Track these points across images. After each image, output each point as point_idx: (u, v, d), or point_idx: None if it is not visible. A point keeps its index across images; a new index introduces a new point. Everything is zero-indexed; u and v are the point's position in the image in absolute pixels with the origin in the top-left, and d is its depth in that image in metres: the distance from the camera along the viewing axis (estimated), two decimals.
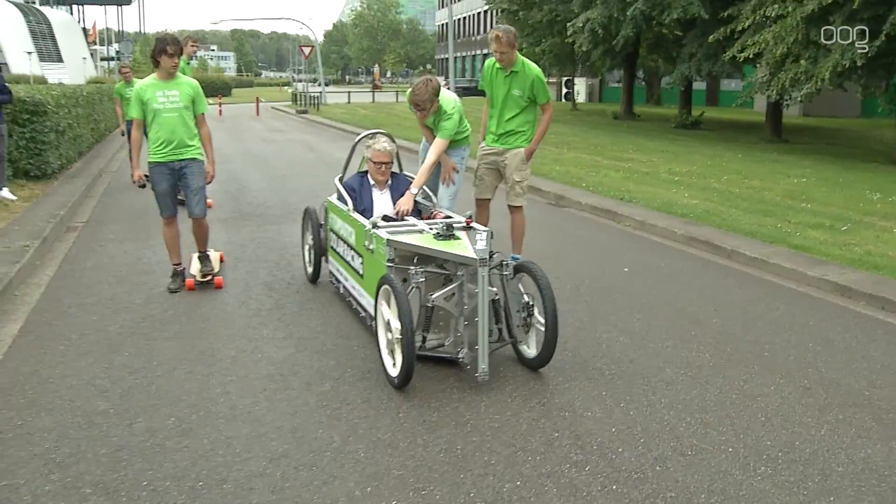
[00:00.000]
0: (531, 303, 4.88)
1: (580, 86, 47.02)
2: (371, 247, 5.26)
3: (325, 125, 29.12)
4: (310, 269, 6.95)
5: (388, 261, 4.93)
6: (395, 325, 4.52)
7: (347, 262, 6.00)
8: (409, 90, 6.45)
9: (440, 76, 56.17)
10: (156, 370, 4.93)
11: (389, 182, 6.23)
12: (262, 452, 3.87)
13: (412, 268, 4.81)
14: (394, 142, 6.24)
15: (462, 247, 4.74)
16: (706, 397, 4.60)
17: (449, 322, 4.94)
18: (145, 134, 6.59)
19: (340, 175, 6.64)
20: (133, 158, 6.85)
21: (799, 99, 17.91)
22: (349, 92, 53.51)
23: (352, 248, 5.81)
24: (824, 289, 7.11)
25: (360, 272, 5.62)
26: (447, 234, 4.93)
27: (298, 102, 42.21)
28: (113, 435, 4.05)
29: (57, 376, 4.83)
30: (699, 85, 39.79)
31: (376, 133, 6.39)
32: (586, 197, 11.50)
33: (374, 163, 6.09)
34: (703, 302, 6.55)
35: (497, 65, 6.80)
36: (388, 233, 5.07)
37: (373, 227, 5.21)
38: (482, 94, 7.33)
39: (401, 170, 6.66)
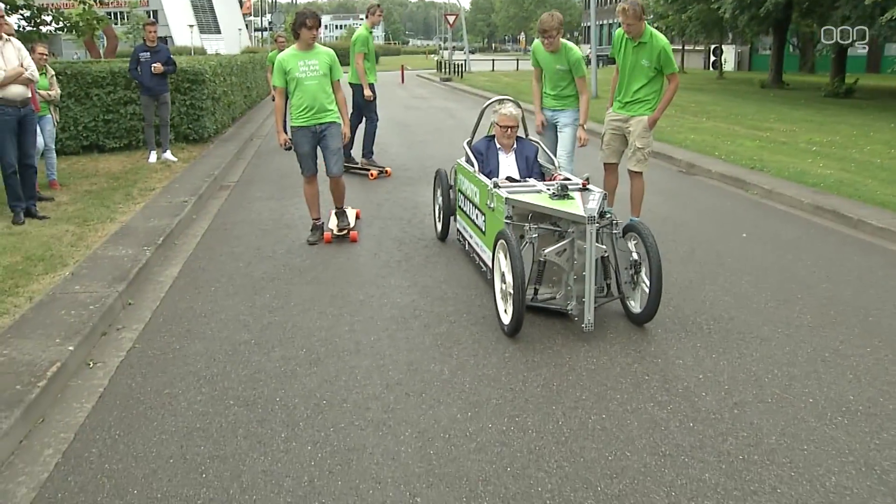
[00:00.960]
0: (639, 261, 5.11)
1: (728, 53, 45.67)
2: (492, 205, 5.56)
3: (468, 92, 29.58)
4: (439, 227, 7.39)
5: (506, 218, 5.22)
6: (509, 277, 4.86)
7: (472, 220, 6.32)
8: (537, 21, 7.25)
9: (585, 44, 55.54)
10: (293, 310, 5.52)
11: (515, 146, 6.48)
12: (379, 380, 4.38)
13: (527, 224, 5.11)
14: (520, 107, 6.53)
15: (574, 205, 4.98)
16: (798, 353, 4.81)
17: (561, 276, 5.21)
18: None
19: (469, 139, 6.96)
20: (278, 124, 7.39)
21: None
22: (493, 60, 53.76)
23: (476, 207, 6.14)
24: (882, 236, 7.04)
25: (483, 229, 5.95)
26: (562, 194, 5.15)
27: (443, 70, 42.85)
28: (253, 360, 4.66)
29: (208, 311, 5.50)
30: (860, 51, 38.05)
31: (504, 99, 6.71)
32: (717, 165, 11.51)
33: (501, 126, 6.38)
34: (817, 269, 6.64)
35: (626, 35, 7.04)
36: (508, 192, 5.33)
37: (494, 187, 5.50)
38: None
39: (526, 135, 6.90)
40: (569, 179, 5.94)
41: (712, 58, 43.63)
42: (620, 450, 3.66)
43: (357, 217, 8.08)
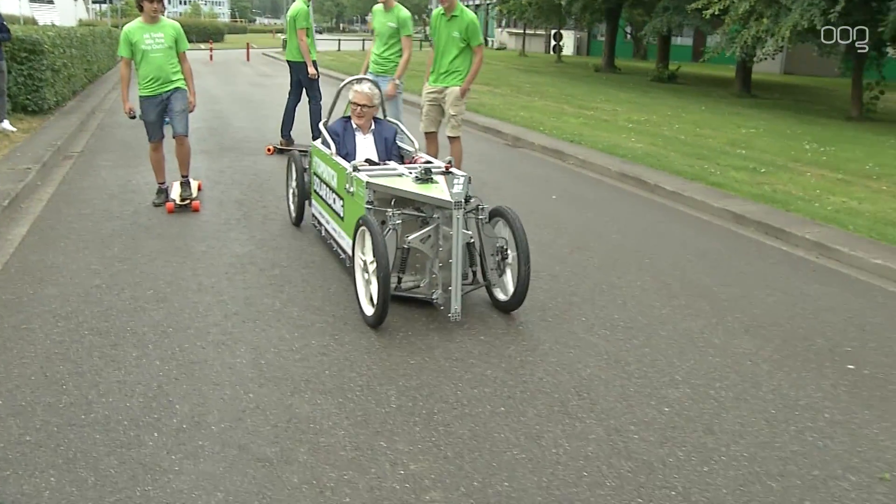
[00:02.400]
0: (505, 247, 5.04)
1: (568, 39, 47.66)
2: (351, 189, 5.33)
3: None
4: (293, 212, 7.13)
5: (367, 203, 5.02)
6: (372, 266, 4.68)
7: (329, 205, 6.07)
8: None
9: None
10: (140, 259, 6.04)
11: (373, 127, 6.33)
12: (219, 312, 5.02)
13: (389, 210, 4.92)
14: (378, 88, 6.48)
15: (439, 190, 4.84)
16: (580, 286, 5.77)
17: (424, 264, 5.10)
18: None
19: (325, 119, 6.73)
20: (123, 92, 7.65)
21: (762, 56, 18.80)
22: (339, 40, 54.00)
23: (333, 191, 5.88)
24: (723, 217, 8.23)
25: (341, 214, 5.70)
26: (425, 177, 5.00)
27: None
28: (105, 300, 5.19)
29: (59, 263, 5.95)
30: (686, 40, 40.61)
31: (361, 78, 6.59)
32: (541, 139, 12.56)
33: (354, 104, 6.24)
34: (611, 223, 7.67)
35: (441, 11, 7.92)
36: (369, 176, 5.16)
37: (353, 171, 5.30)
38: None
39: (384, 115, 6.95)
40: (430, 162, 5.87)
41: (552, 42, 45.42)
42: (421, 356, 4.46)
43: (199, 188, 8.40)
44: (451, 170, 5.35)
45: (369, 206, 5.05)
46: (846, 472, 3.49)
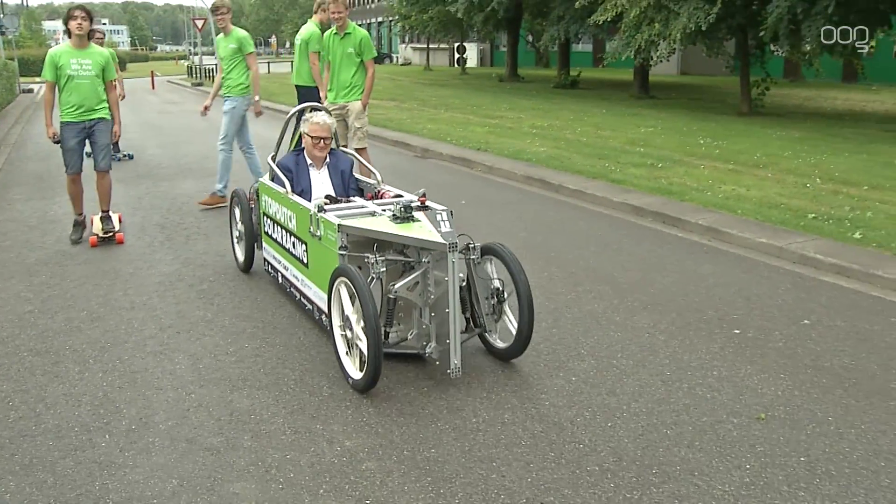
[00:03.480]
0: (501, 288, 4.54)
1: (471, 51, 48.54)
2: (318, 233, 4.74)
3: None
4: (241, 258, 6.46)
5: (341, 248, 4.47)
6: (358, 324, 4.15)
7: (287, 250, 5.47)
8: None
9: None
10: (69, 285, 6.24)
11: (328, 160, 5.78)
12: (154, 325, 5.29)
13: (370, 256, 4.39)
14: (331, 115, 6.04)
15: (426, 230, 4.29)
16: None
17: (411, 313, 4.57)
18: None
19: (273, 154, 6.13)
20: (47, 116, 7.46)
21: (656, 59, 19.66)
22: None
23: (292, 235, 5.30)
24: (623, 210, 8.79)
25: (304, 261, 5.11)
26: (405, 215, 4.44)
27: (194, 75, 42.59)
28: (39, 323, 5.40)
29: None
30: (586, 46, 41.77)
31: (314, 106, 6.08)
32: (449, 149, 13.03)
33: (312, 138, 5.63)
34: (518, 222, 8.15)
35: (334, 31, 8.41)
36: (338, 217, 4.59)
37: (319, 211, 4.73)
38: (381, 62, 8.78)
39: (338, 146, 6.23)
40: (401, 196, 5.36)
41: (456, 55, 46.20)
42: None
43: (119, 221, 8.24)
44: (426, 203, 4.80)
45: (343, 253, 4.46)
46: (730, 416, 3.99)
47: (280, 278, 5.79)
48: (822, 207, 8.52)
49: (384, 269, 4.38)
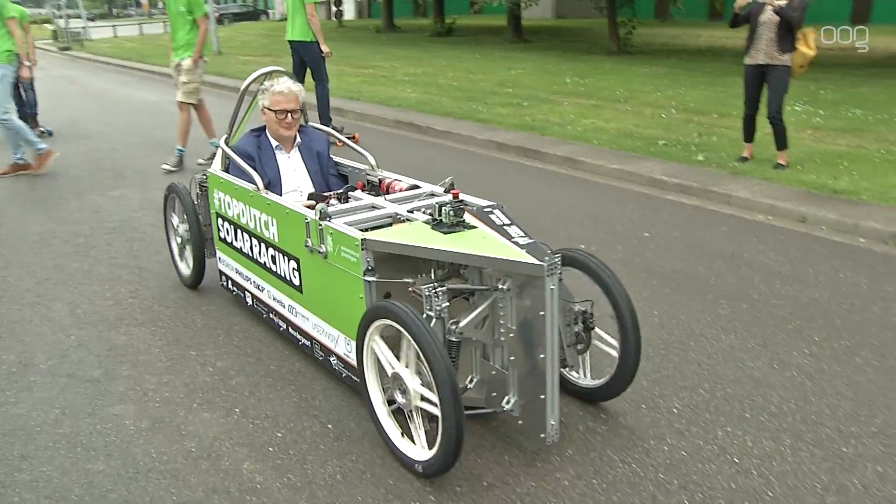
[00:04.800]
0: (588, 311, 3.36)
1: (349, 4, 48.14)
2: (323, 248, 3.43)
3: (90, 60, 28.98)
4: (185, 271, 5.13)
5: (367, 272, 3.20)
6: (417, 385, 2.97)
7: (262, 266, 4.13)
8: None
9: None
10: None
11: (298, 140, 4.43)
12: (30, 280, 5.41)
13: (417, 282, 3.23)
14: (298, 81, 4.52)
15: (500, 245, 3.03)
16: None
17: (474, 356, 3.31)
18: None
19: (226, 135, 4.78)
20: None
21: (526, 3, 20.11)
22: (115, 26, 52.01)
23: (270, 246, 3.97)
24: (488, 147, 9.18)
25: (295, 282, 3.79)
26: (454, 220, 3.20)
27: (60, 39, 40.98)
28: None
29: None
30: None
31: (274, 71, 4.65)
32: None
33: (276, 112, 4.23)
34: (383, 162, 8.36)
35: None
36: (351, 225, 3.35)
37: (322, 218, 3.40)
38: (256, 18, 8.77)
39: (306, 121, 4.79)
40: (417, 186, 4.13)
41: (333, 8, 45.74)
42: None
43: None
44: (460, 196, 3.59)
45: (371, 279, 3.21)
46: None
47: (250, 300, 4.41)
48: (672, 135, 9.10)
49: (446, 303, 3.01)
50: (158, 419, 3.53)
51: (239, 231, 4.32)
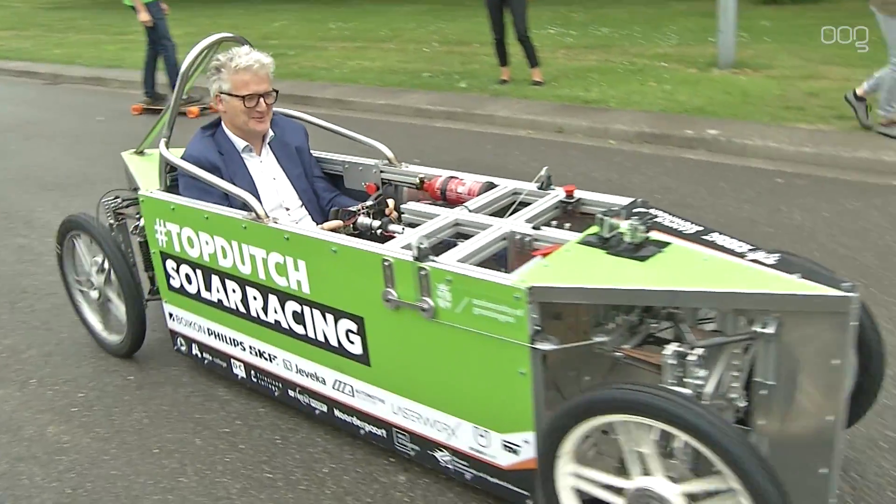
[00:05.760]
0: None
1: None
2: (429, 304, 2.27)
3: None
4: (112, 337, 3.65)
5: (536, 335, 2.11)
6: (677, 491, 1.96)
7: (273, 326, 2.87)
8: None
9: None
10: None
11: (271, 134, 3.20)
12: None
13: (678, 348, 2.00)
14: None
15: (759, 274, 2.02)
16: None
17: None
18: None
19: (166, 138, 3.17)
20: None
21: None
22: None
23: (292, 298, 2.73)
24: None
25: (355, 351, 2.61)
26: (639, 238, 2.17)
27: None
28: None
29: None
30: None
31: (221, 39, 3.24)
32: (81, 71, 12.54)
33: (245, 98, 2.95)
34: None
35: None
36: (469, 261, 2.30)
37: (422, 258, 2.26)
38: None
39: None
40: (489, 183, 2.91)
41: None
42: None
43: None
44: (575, 194, 2.73)
45: (544, 347, 2.10)
46: None
47: (241, 371, 3.14)
48: (436, 67, 9.42)
49: (705, 371, 2.02)
50: None
51: (216, 278, 2.98)
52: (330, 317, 2.62)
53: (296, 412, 3.03)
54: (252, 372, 3.08)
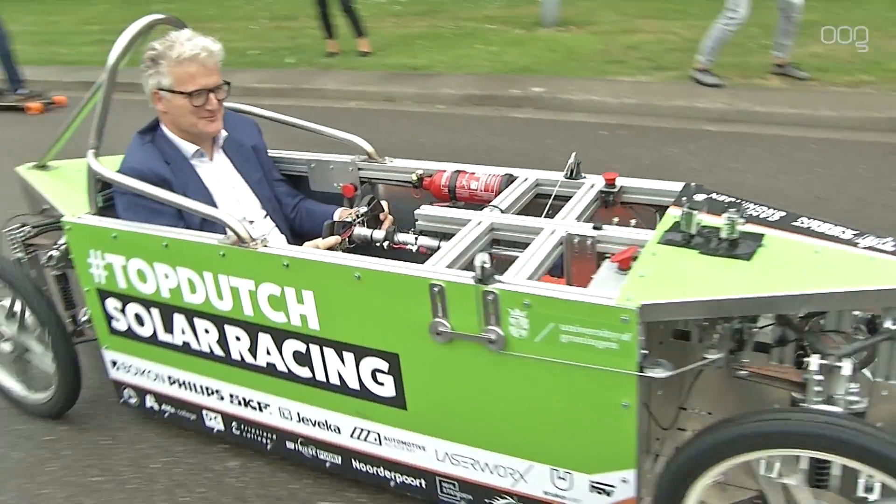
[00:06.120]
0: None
1: None
2: (497, 335, 1.88)
3: None
4: (35, 395, 2.97)
5: (645, 361, 1.78)
6: None
7: (266, 370, 2.39)
8: None
9: None
10: None
11: (224, 134, 2.69)
12: None
13: (834, 359, 1.73)
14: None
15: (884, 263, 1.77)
16: None
17: None
18: None
19: (93, 147, 2.60)
20: None
21: None
22: None
23: (293, 336, 2.26)
24: (78, 88, 8.70)
25: (386, 394, 2.18)
26: (732, 236, 1.86)
27: None
28: None
29: None
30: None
31: (156, 22, 2.75)
32: None
33: (192, 95, 2.46)
34: None
35: None
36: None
37: (487, 279, 1.85)
38: None
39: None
40: (509, 176, 2.62)
41: None
42: None
43: None
44: (614, 181, 2.40)
45: (661, 374, 1.75)
46: None
47: (218, 423, 2.63)
48: (263, 44, 9.24)
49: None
50: None
51: (180, 317, 2.45)
52: (349, 356, 2.17)
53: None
54: (234, 424, 2.57)
